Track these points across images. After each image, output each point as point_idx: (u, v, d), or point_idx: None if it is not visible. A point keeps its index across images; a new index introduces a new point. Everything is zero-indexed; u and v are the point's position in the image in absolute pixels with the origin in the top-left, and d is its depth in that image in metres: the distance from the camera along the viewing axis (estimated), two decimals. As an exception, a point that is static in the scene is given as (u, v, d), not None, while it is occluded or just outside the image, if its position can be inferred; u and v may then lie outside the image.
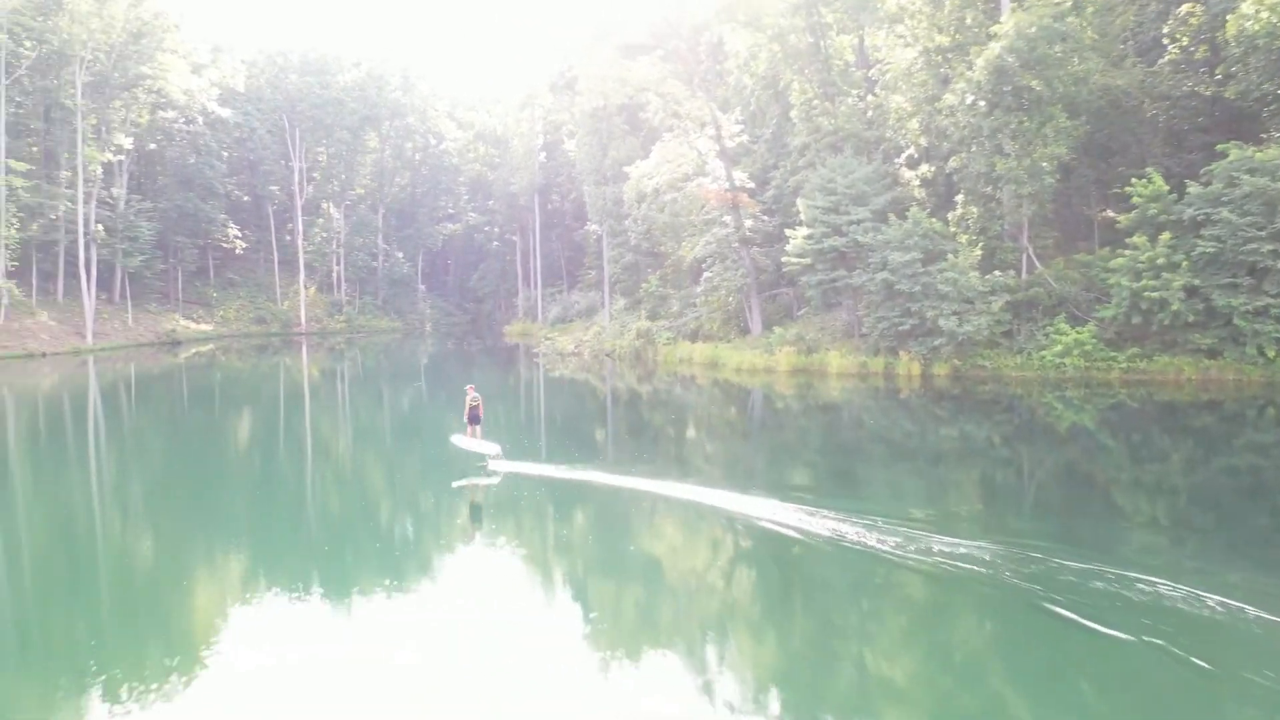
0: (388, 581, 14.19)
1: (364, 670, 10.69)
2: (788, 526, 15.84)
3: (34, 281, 69.46)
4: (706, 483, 20.24)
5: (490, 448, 21.81)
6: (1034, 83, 36.17)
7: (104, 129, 70.82)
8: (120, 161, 75.44)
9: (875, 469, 23.52)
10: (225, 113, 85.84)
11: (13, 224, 62.92)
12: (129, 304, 76.98)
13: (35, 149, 70.45)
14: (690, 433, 30.51)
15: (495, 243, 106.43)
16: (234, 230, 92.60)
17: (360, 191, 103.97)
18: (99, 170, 70.21)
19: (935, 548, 14.10)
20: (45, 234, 68.84)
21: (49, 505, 21.34)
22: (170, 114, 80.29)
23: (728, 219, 50.09)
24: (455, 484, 21.27)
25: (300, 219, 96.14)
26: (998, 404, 33.26)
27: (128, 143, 73.49)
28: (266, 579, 14.81)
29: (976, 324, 37.14)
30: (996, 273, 38.54)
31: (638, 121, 59.25)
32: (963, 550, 13.97)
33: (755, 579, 14.73)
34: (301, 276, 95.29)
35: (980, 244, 39.91)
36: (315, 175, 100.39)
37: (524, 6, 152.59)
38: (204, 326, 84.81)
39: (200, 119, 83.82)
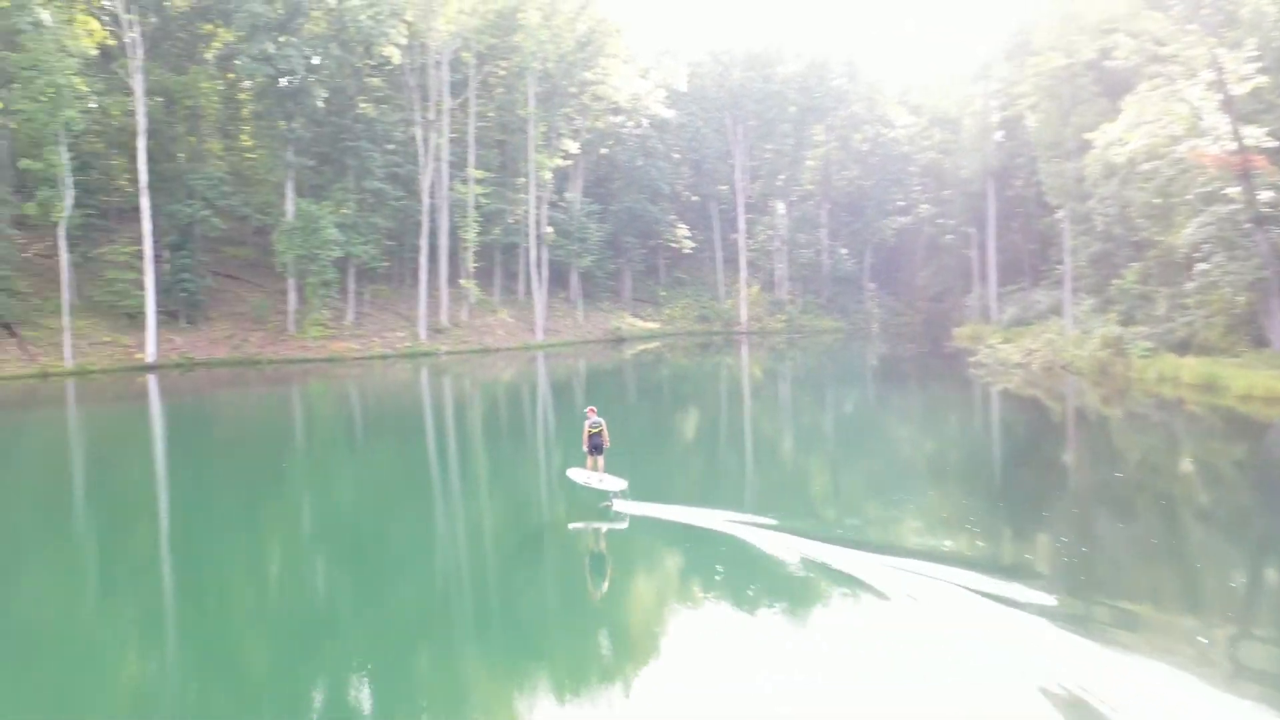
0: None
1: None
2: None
3: (497, 281, 76.33)
4: (1098, 627, 12.13)
5: (614, 483, 18.99)
6: None
7: (553, 136, 75.12)
8: (572, 166, 79.92)
9: None
10: (669, 114, 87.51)
11: (473, 228, 68.93)
12: (581, 302, 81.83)
13: (499, 159, 76.82)
14: (1125, 500, 21.62)
15: (949, 235, 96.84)
16: (683, 230, 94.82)
17: (809, 187, 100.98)
18: (549, 176, 74.68)
19: None
20: (506, 236, 75.02)
21: (508, 490, 24.19)
22: (618, 118, 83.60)
23: (1234, 191, 37.63)
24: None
25: (743, 217, 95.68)
26: None
27: (574, 147, 77.40)
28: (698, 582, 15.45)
29: None
30: None
31: (1109, 81, 47.57)
32: None
33: None
34: (743, 275, 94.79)
35: None
36: (761, 173, 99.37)
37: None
38: (650, 324, 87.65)
39: (646, 122, 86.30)
